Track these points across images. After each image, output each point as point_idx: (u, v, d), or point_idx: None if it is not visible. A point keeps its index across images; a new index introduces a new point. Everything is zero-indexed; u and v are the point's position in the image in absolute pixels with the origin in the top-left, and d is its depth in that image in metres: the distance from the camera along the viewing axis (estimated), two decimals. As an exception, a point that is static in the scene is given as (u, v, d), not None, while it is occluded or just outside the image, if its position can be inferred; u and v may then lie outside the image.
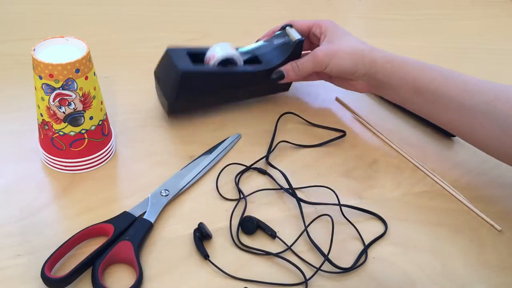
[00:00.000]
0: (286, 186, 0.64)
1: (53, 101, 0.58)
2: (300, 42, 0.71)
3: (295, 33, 0.72)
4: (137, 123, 0.73)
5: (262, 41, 0.74)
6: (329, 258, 0.56)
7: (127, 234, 0.56)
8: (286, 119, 0.76)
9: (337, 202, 0.63)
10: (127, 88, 0.79)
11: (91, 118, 0.61)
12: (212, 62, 0.70)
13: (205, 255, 0.56)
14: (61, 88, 0.57)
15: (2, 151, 0.66)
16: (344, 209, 0.62)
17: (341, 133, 0.74)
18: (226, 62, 0.70)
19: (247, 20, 0.99)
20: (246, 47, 0.73)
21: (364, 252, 0.58)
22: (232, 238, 0.58)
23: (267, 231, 0.59)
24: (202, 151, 0.68)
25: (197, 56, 0.71)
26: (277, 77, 0.72)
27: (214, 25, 0.96)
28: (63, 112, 0.59)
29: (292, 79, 0.73)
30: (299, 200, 0.63)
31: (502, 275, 0.58)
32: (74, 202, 0.61)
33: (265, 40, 0.74)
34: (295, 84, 0.82)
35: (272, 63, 0.73)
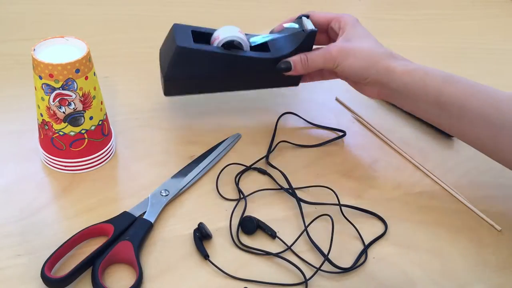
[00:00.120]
0: (286, 186, 0.64)
1: (53, 101, 0.58)
2: (312, 33, 0.66)
3: (309, 24, 0.67)
4: (137, 123, 0.73)
5: (275, 33, 0.70)
6: (329, 258, 0.56)
7: (127, 234, 0.56)
8: (286, 119, 0.76)
9: (337, 202, 0.63)
10: (127, 88, 0.79)
11: (91, 118, 0.61)
12: (216, 43, 0.67)
13: (205, 255, 0.56)
14: (61, 88, 0.57)
15: (2, 151, 0.66)
16: (344, 209, 0.62)
17: (341, 133, 0.74)
18: (231, 46, 0.66)
19: (247, 20, 0.99)
20: (256, 37, 0.69)
21: (364, 252, 0.58)
22: (232, 238, 0.58)
23: (267, 231, 0.59)
24: (202, 151, 0.68)
25: (203, 36, 0.68)
26: (283, 68, 0.66)
27: (214, 25, 0.96)
28: (63, 112, 0.59)
29: (299, 72, 0.67)
30: (299, 200, 0.63)
31: (502, 275, 0.58)
32: (74, 202, 0.61)
33: (278, 32, 0.70)
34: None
35: (280, 52, 0.68)
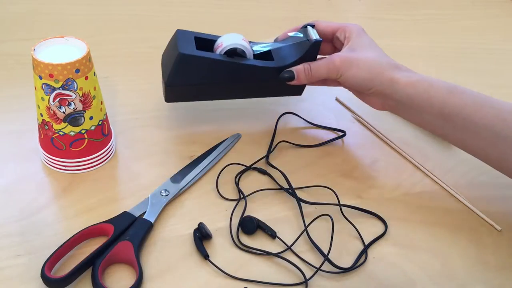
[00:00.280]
0: (286, 186, 0.64)
1: (53, 101, 0.58)
2: (317, 43, 0.65)
3: (314, 34, 0.66)
4: (137, 123, 0.73)
5: (279, 42, 0.69)
6: (329, 258, 0.56)
7: (127, 234, 0.56)
8: (286, 119, 0.76)
9: (337, 202, 0.63)
10: (127, 88, 0.79)
11: (91, 118, 0.61)
12: (219, 51, 0.66)
13: (205, 255, 0.56)
14: (61, 88, 0.57)
15: (2, 151, 0.66)
16: (344, 209, 0.62)
17: (341, 133, 0.74)
18: (234, 53, 0.66)
19: (247, 20, 0.99)
20: (260, 45, 0.69)
21: (364, 252, 0.58)
22: (232, 238, 0.58)
23: (267, 231, 0.59)
24: (202, 151, 0.68)
25: (207, 43, 0.67)
26: (287, 77, 0.66)
27: (214, 25, 0.96)
28: (63, 112, 0.59)
29: (302, 82, 0.66)
30: (299, 200, 0.63)
31: (502, 275, 0.58)
32: (74, 202, 0.61)
33: (282, 40, 0.69)
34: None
35: (284, 62, 0.67)
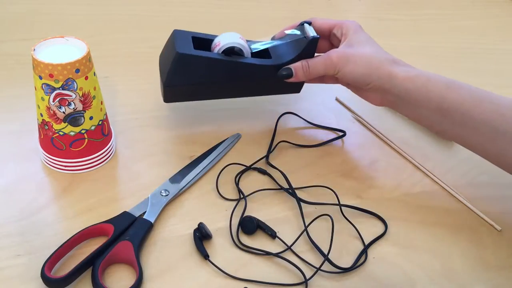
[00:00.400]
0: (286, 186, 0.64)
1: (53, 101, 0.58)
2: (314, 40, 0.65)
3: (312, 31, 0.66)
4: (137, 123, 0.73)
5: (276, 41, 0.69)
6: (329, 258, 0.56)
7: (127, 234, 0.56)
8: (286, 119, 0.76)
9: (337, 202, 0.63)
10: (127, 88, 0.79)
11: (91, 118, 0.61)
12: (216, 50, 0.66)
13: (205, 255, 0.56)
14: (61, 88, 0.57)
15: (2, 151, 0.66)
16: (344, 209, 0.62)
17: (341, 133, 0.74)
18: (231, 52, 0.66)
19: (247, 20, 0.99)
20: (257, 43, 0.69)
21: (364, 252, 0.58)
22: (232, 238, 0.58)
23: (267, 231, 0.59)
24: (202, 151, 0.68)
25: (204, 43, 0.68)
26: (285, 75, 0.66)
27: (214, 25, 0.96)
28: (63, 112, 0.59)
29: (300, 79, 0.66)
30: (299, 200, 0.63)
31: (502, 275, 0.58)
32: (74, 202, 0.61)
33: (280, 38, 0.70)
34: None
35: (282, 59, 0.67)
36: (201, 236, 0.57)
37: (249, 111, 0.77)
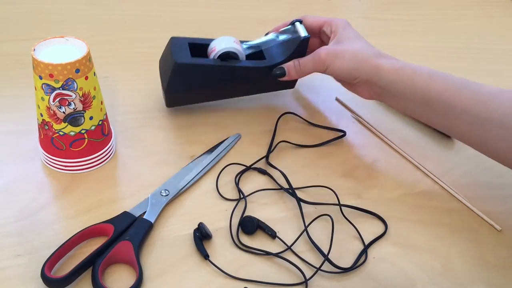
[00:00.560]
0: (286, 186, 0.64)
1: (53, 101, 0.58)
2: (305, 40, 0.69)
3: (303, 30, 0.70)
4: (137, 123, 0.73)
5: (269, 36, 0.72)
6: (329, 258, 0.56)
7: (127, 234, 0.56)
8: (286, 119, 0.76)
9: (337, 202, 0.63)
10: (127, 88, 0.79)
11: (91, 118, 0.61)
12: (212, 55, 0.69)
13: (205, 255, 0.56)
14: (61, 88, 0.57)
15: (2, 151, 0.66)
16: (344, 209, 0.62)
17: (341, 133, 0.74)
18: (227, 56, 0.69)
19: (247, 20, 0.99)
20: (251, 42, 0.72)
21: (364, 252, 0.58)
22: (232, 238, 0.58)
23: (267, 231, 0.59)
24: (202, 151, 0.68)
25: (201, 48, 0.70)
26: (278, 74, 0.70)
27: (214, 25, 0.96)
28: (63, 112, 0.59)
29: (293, 77, 0.70)
30: (299, 200, 0.63)
31: (502, 275, 0.58)
32: (74, 202, 0.61)
33: (273, 34, 0.72)
34: (296, 84, 0.82)
35: (275, 60, 0.71)
36: (201, 236, 0.57)
37: (249, 111, 0.77)
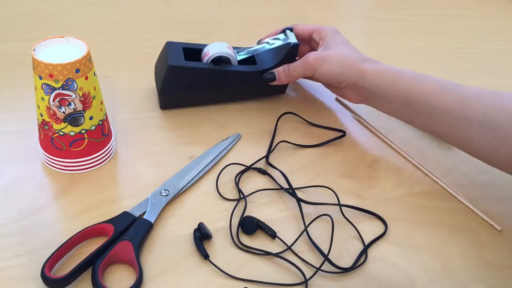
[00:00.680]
0: (286, 186, 0.64)
1: (53, 101, 0.58)
2: (295, 46, 0.72)
3: (293, 37, 0.73)
4: (137, 123, 0.73)
5: (261, 44, 0.75)
6: (329, 258, 0.56)
7: (127, 234, 0.56)
8: (286, 119, 0.76)
9: (337, 202, 0.63)
10: (127, 88, 0.79)
11: (91, 118, 0.61)
12: (206, 59, 0.72)
13: (205, 255, 0.56)
14: (61, 88, 0.57)
15: (2, 151, 0.66)
16: (344, 209, 0.62)
17: (341, 133, 0.74)
18: (220, 60, 0.72)
19: (247, 20, 0.99)
20: (244, 48, 0.75)
21: (364, 252, 0.58)
22: (232, 238, 0.58)
23: (267, 231, 0.59)
24: (202, 151, 0.68)
25: (195, 52, 0.73)
26: (269, 79, 0.72)
27: (214, 25, 0.96)
28: (63, 112, 0.59)
29: (283, 82, 0.73)
30: (299, 200, 0.63)
31: (502, 275, 0.58)
32: (74, 202, 0.61)
33: (264, 42, 0.75)
34: (294, 85, 0.82)
35: (266, 65, 0.74)
36: (201, 236, 0.57)
37: (249, 111, 0.77)
